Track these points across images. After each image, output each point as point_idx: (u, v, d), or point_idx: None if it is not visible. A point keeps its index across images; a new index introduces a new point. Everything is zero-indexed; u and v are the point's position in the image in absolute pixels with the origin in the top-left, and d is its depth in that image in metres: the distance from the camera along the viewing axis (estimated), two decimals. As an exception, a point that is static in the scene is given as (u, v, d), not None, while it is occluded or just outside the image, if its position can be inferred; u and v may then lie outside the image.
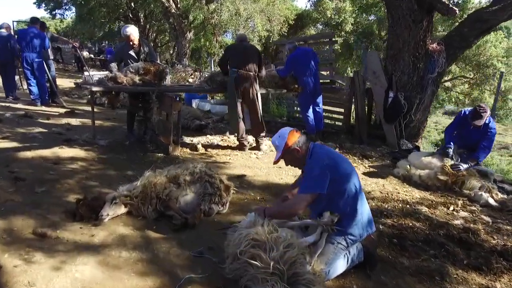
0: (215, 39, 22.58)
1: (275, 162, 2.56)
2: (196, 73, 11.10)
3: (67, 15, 21.66)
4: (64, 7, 20.56)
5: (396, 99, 6.13)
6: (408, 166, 4.81)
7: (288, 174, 4.63)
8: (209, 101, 9.97)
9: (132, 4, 22.62)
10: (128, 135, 5.76)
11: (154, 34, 25.74)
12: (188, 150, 5.38)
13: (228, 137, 6.28)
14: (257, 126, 5.51)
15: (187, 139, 5.87)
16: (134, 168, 4.42)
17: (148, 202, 3.15)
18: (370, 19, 25.49)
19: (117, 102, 5.49)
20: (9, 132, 5.52)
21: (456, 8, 5.65)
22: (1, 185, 3.54)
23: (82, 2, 16.27)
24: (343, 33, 20.31)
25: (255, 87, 5.36)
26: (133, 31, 5.32)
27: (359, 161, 5.50)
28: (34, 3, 18.62)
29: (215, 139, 6.08)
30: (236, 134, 5.90)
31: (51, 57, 9.06)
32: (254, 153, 5.46)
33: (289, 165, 2.64)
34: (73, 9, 21.02)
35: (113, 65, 5.26)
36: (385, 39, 23.35)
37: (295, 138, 2.48)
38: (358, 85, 6.58)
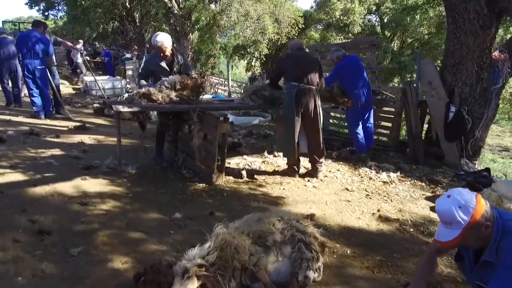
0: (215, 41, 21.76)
1: (447, 245, 1.75)
2: (212, 79, 10.28)
3: (60, 16, 20.52)
4: (56, 8, 19.47)
5: (459, 114, 5.42)
6: (498, 198, 4.08)
7: (364, 212, 3.86)
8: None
9: (128, 4, 21.69)
10: (157, 158, 4.92)
11: (151, 35, 24.83)
12: (231, 177, 4.57)
13: (267, 157, 5.51)
14: (317, 150, 4.65)
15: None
16: (180, 208, 3.60)
17: (229, 273, 2.35)
18: (373, 20, 24.96)
19: (147, 121, 4.66)
20: (16, 158, 4.63)
21: (536, 12, 4.95)
22: (23, 244, 2.69)
23: (82, 2, 15.25)
24: (350, 35, 19.72)
25: (318, 103, 4.53)
26: (164, 40, 4.50)
27: (428, 188, 4.76)
28: (26, 3, 17.52)
29: (256, 161, 5.27)
30: (286, 157, 5.03)
31: (55, 63, 8.20)
32: (308, 180, 4.67)
33: (465, 243, 1.83)
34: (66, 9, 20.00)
35: (143, 83, 4.45)
36: (391, 39, 22.92)
37: (483, 207, 1.69)
38: (411, 97, 5.85)
